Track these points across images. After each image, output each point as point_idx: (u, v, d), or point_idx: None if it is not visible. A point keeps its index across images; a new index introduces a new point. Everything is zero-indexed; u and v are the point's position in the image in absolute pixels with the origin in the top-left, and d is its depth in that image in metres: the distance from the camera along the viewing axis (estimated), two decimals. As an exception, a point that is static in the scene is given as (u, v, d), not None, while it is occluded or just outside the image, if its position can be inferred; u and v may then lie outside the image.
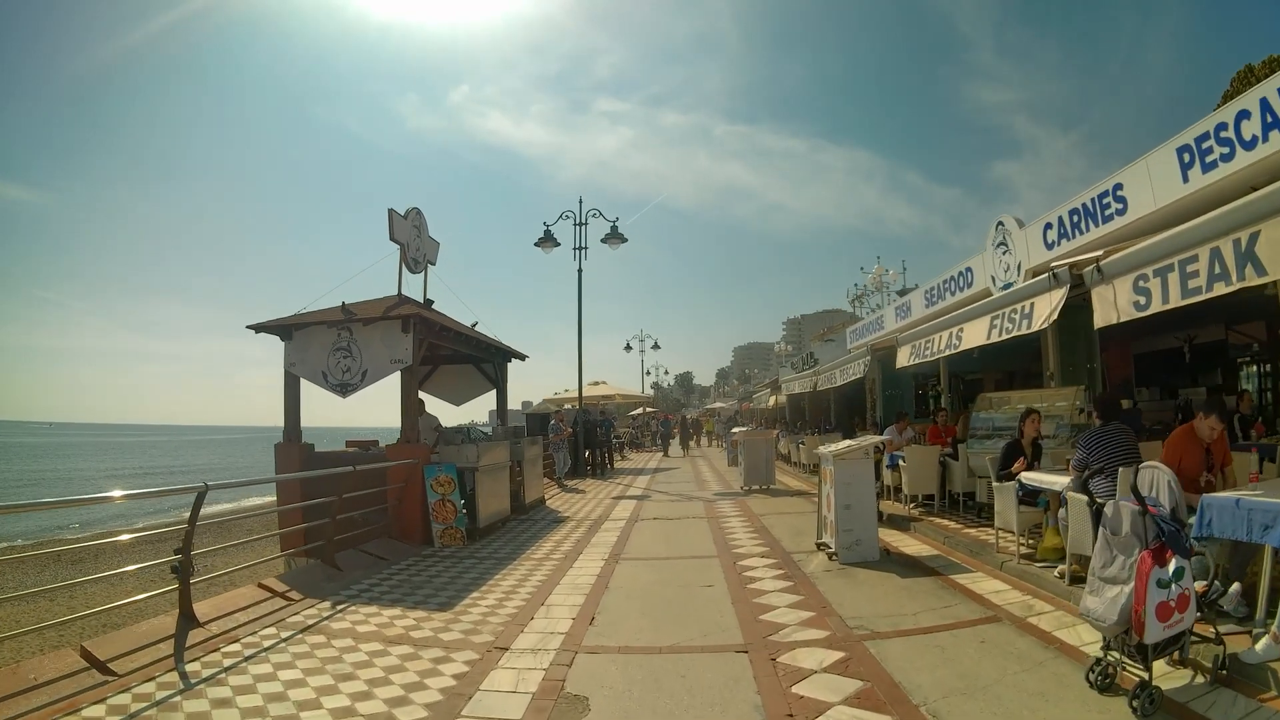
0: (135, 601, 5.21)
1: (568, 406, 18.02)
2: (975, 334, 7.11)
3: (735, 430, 23.33)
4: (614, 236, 17.95)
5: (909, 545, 7.41)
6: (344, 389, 9.10)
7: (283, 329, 9.31)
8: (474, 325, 11.66)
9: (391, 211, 10.20)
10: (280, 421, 9.59)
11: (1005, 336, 6.36)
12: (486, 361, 12.23)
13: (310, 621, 5.16)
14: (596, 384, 23.83)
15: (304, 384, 9.37)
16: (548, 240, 17.98)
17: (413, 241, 10.70)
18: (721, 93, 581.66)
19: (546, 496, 12.81)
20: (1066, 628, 4.34)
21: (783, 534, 8.27)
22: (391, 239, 10.16)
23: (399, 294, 10.19)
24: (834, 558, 6.62)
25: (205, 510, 5.13)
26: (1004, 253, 10.08)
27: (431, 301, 10.51)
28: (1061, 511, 5.26)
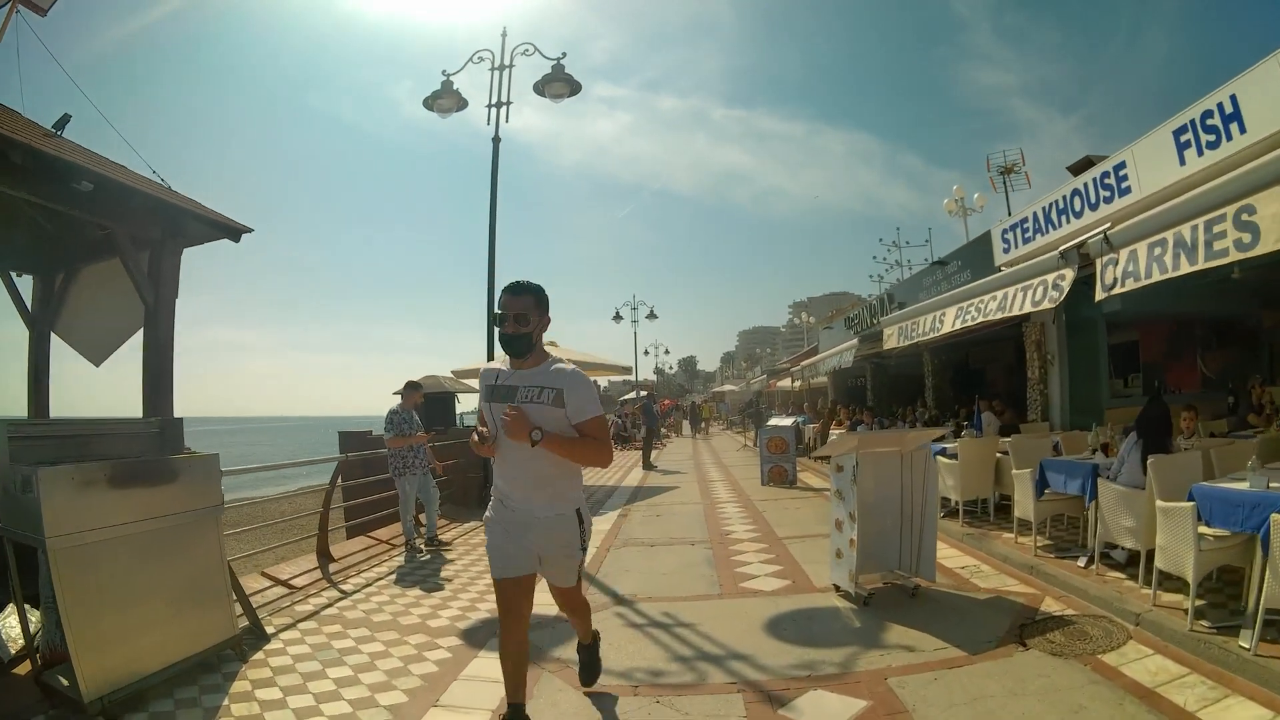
0: None
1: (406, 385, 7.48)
2: None
3: (791, 421, 14.29)
4: (556, 79, 9.96)
5: None
6: None
7: None
8: (59, 125, 4.00)
9: None
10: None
11: None
12: (141, 245, 4.51)
13: None
14: (548, 345, 14.64)
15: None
16: (446, 95, 10.00)
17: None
18: (718, 76, 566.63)
19: (315, 608, 4.71)
20: None
21: None
22: None
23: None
24: None
25: None
26: None
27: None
28: None
